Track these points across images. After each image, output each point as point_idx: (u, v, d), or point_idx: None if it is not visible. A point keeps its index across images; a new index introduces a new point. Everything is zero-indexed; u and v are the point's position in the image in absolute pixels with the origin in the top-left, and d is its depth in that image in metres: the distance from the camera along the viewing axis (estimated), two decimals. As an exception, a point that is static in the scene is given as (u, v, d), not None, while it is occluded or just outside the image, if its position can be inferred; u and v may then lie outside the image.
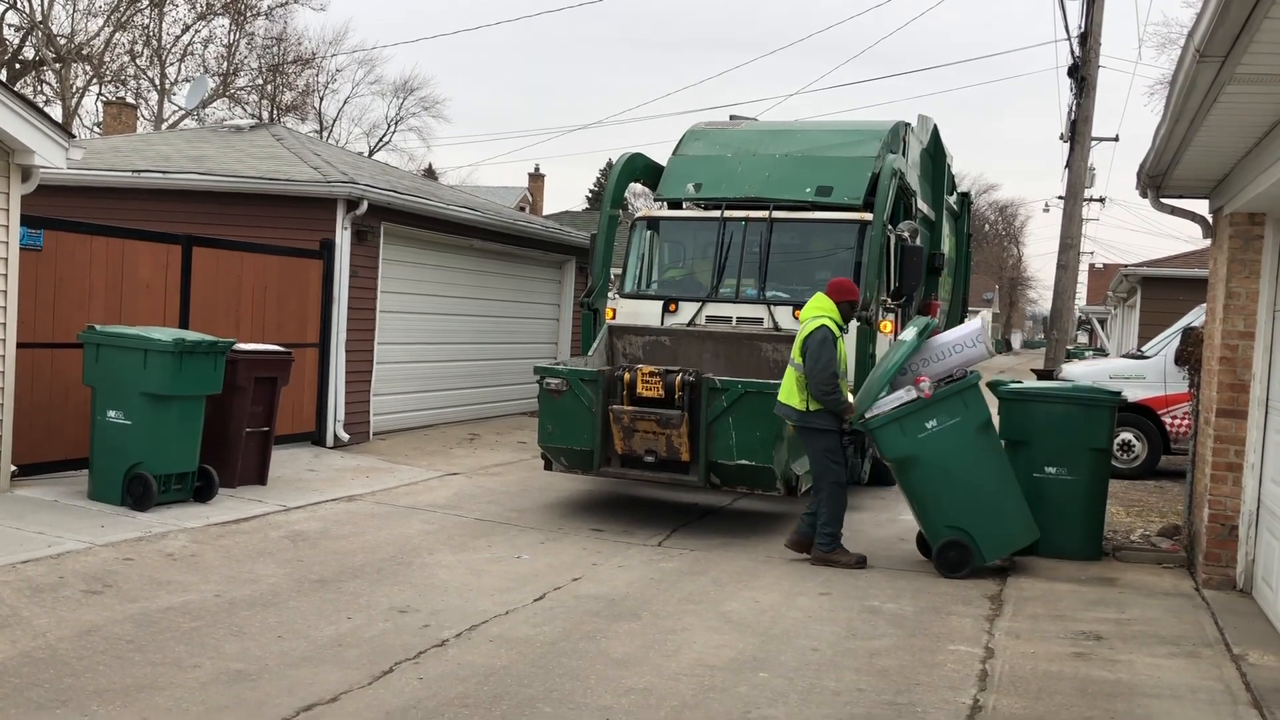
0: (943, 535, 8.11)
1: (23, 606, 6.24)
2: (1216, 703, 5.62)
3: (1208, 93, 5.80)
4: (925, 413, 7.97)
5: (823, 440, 8.34)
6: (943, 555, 8.12)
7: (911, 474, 8.11)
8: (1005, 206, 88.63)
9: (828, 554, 8.34)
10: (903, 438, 8.00)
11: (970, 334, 8.47)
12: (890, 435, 8.02)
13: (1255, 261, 7.86)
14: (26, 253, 9.27)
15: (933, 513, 8.13)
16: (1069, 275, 20.67)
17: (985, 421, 8.11)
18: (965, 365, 8.34)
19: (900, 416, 7.99)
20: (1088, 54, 19.41)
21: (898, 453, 8.05)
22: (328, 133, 48.91)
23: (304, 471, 11.27)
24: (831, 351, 8.15)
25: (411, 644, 6.00)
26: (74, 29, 36.18)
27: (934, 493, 8.08)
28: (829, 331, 8.22)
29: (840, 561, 8.31)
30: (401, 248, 14.31)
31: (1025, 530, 8.24)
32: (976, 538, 8.06)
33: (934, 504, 8.10)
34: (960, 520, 8.05)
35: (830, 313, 8.42)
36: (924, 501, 8.15)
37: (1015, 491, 8.23)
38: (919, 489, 8.14)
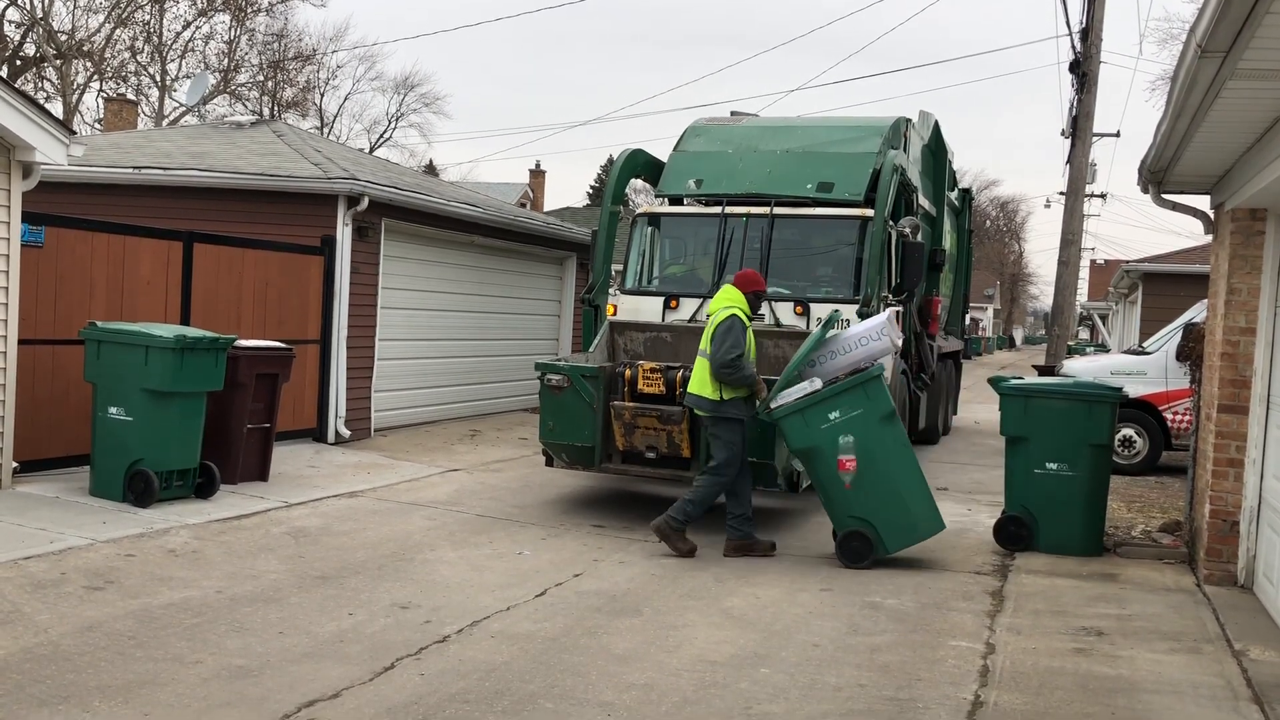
0: (846, 525, 8.17)
1: (25, 603, 6.25)
2: (1217, 698, 5.62)
3: (1209, 88, 5.79)
4: (828, 404, 8.04)
5: (728, 429, 8.35)
6: (845, 545, 8.18)
7: (816, 465, 8.16)
8: (1006, 202, 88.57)
9: (671, 531, 8.33)
10: (806, 429, 8.06)
11: (875, 327, 8.57)
12: (794, 426, 8.09)
13: (1257, 257, 7.85)
14: (28, 249, 9.27)
15: (837, 503, 8.19)
16: (1070, 271, 20.67)
17: (889, 413, 8.15)
18: (871, 358, 8.45)
19: (803, 408, 8.05)
20: (1089, 50, 19.39)
21: (802, 444, 8.11)
22: (328, 129, 48.91)
23: (305, 468, 11.28)
24: (738, 335, 8.24)
25: (413, 640, 6.01)
26: (75, 25, 36.20)
27: (837, 483, 8.13)
28: (738, 320, 8.33)
29: (677, 545, 8.30)
30: (402, 244, 14.31)
31: (929, 522, 8.27)
32: (879, 528, 8.12)
33: (838, 494, 8.15)
34: (863, 511, 8.11)
35: (739, 303, 8.51)
36: (828, 492, 8.21)
37: (920, 482, 8.27)
38: (823, 480, 8.19)
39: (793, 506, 10.53)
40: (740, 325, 8.32)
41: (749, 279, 8.74)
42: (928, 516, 8.25)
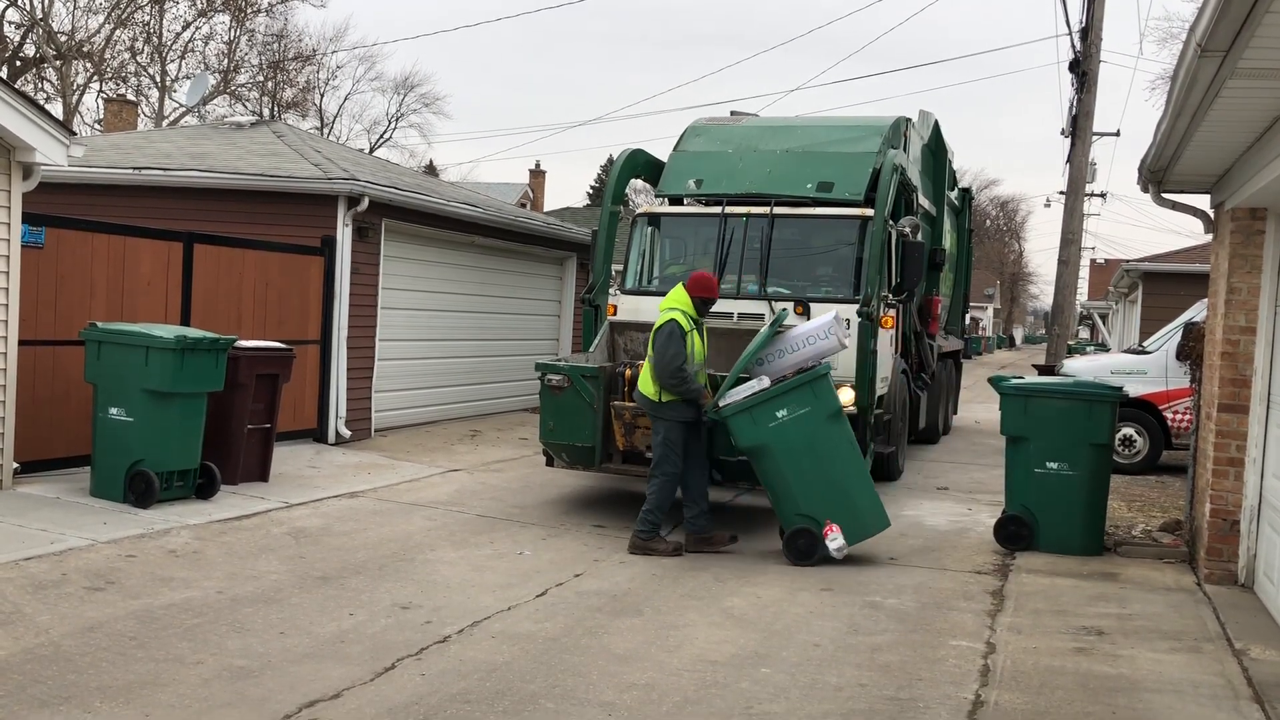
0: (793, 523, 8.20)
1: (25, 603, 6.25)
2: (1218, 697, 5.62)
3: (1209, 88, 5.79)
4: (775, 402, 8.06)
5: (667, 430, 8.42)
6: (792, 542, 8.21)
7: (763, 463, 8.19)
8: (1006, 202, 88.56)
9: (646, 541, 8.41)
10: (754, 427, 8.08)
11: (822, 327, 8.63)
12: (742, 424, 8.11)
13: (1257, 257, 7.85)
14: (28, 250, 9.27)
15: (784, 501, 8.22)
16: (1070, 271, 20.67)
17: (835, 411, 8.18)
18: (818, 357, 8.50)
19: (750, 406, 8.08)
20: (1089, 49, 19.39)
21: (749, 442, 8.13)
22: (328, 129, 48.91)
23: (306, 468, 11.28)
24: (678, 345, 8.27)
25: (414, 640, 6.01)
26: (75, 26, 36.21)
27: (785, 481, 8.15)
28: (676, 326, 8.35)
29: (658, 549, 8.38)
30: (403, 244, 14.31)
31: (875, 519, 8.29)
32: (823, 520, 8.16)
33: (785, 492, 8.17)
34: (810, 508, 8.13)
35: (684, 305, 8.52)
36: (776, 490, 8.23)
37: (866, 480, 8.32)
38: (771, 477, 8.21)
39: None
40: (680, 331, 8.33)
41: (700, 282, 8.70)
42: (874, 514, 8.28)
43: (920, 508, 10.89)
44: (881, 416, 11.50)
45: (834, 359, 10.64)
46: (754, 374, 8.39)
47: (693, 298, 8.60)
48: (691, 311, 8.55)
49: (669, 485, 8.50)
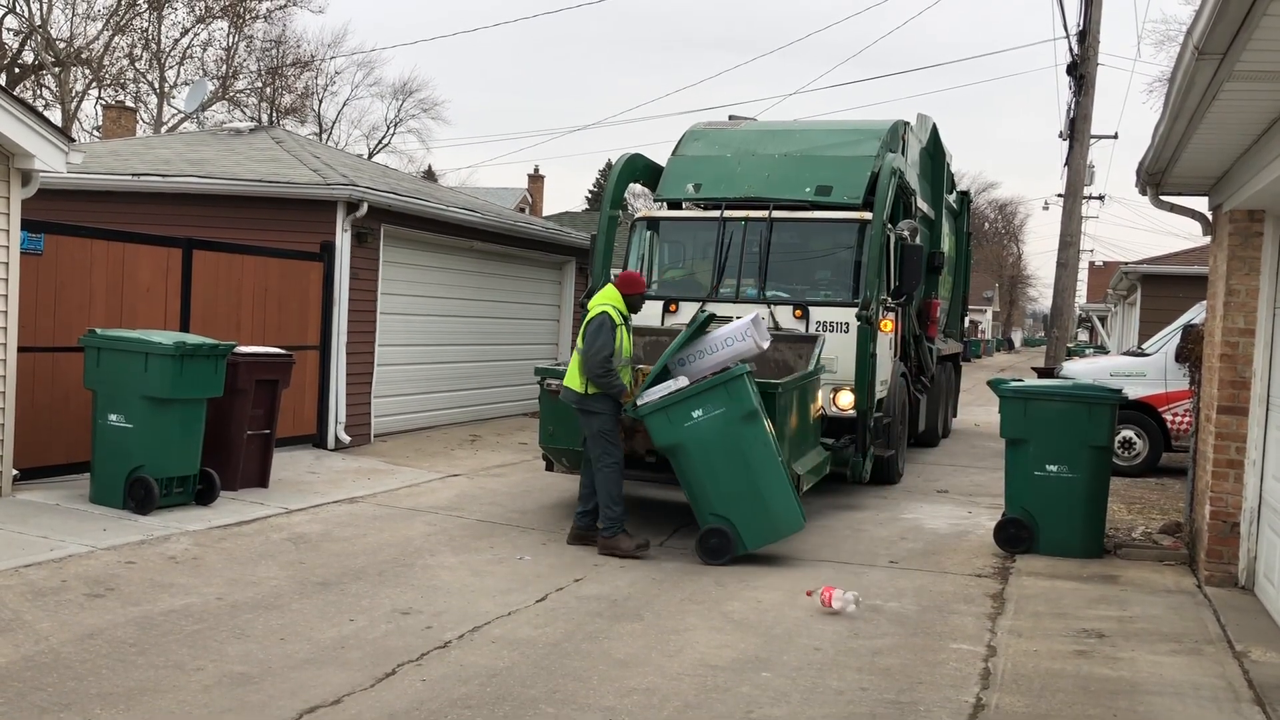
0: (707, 522, 8.24)
1: (25, 610, 6.25)
2: (1219, 700, 5.62)
3: (1206, 90, 5.80)
4: (691, 402, 8.10)
5: (599, 422, 8.47)
6: (704, 542, 8.25)
7: (679, 462, 8.22)
8: (1005, 205, 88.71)
9: (611, 539, 8.46)
10: (670, 426, 8.12)
11: (741, 329, 8.67)
12: (658, 423, 8.14)
13: (1255, 258, 7.86)
14: (27, 257, 9.28)
15: (700, 500, 8.25)
16: (1069, 273, 20.69)
17: (751, 412, 8.19)
18: (736, 358, 8.53)
19: (667, 405, 8.11)
20: (1086, 52, 19.42)
21: (666, 440, 8.16)
22: (327, 135, 48.93)
23: (305, 474, 11.27)
24: (607, 337, 8.34)
25: (414, 645, 6.01)
26: (73, 33, 36.27)
27: (699, 480, 8.18)
28: (607, 318, 8.42)
29: (623, 548, 8.41)
30: (402, 249, 14.32)
31: (789, 520, 8.32)
32: (738, 526, 8.18)
33: (700, 491, 8.21)
34: (723, 508, 8.17)
35: (615, 302, 8.61)
36: (692, 489, 8.26)
37: (781, 481, 8.30)
38: (687, 477, 8.24)
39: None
40: (610, 323, 8.42)
41: (630, 280, 8.82)
42: (788, 515, 8.31)
43: (920, 511, 10.89)
44: (881, 419, 11.50)
45: (834, 362, 10.69)
46: (675, 374, 8.45)
47: (623, 295, 8.71)
48: (622, 308, 8.64)
49: (614, 475, 8.54)
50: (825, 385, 10.60)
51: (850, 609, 6.89)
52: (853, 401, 10.84)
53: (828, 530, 9.75)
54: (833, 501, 11.01)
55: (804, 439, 9.67)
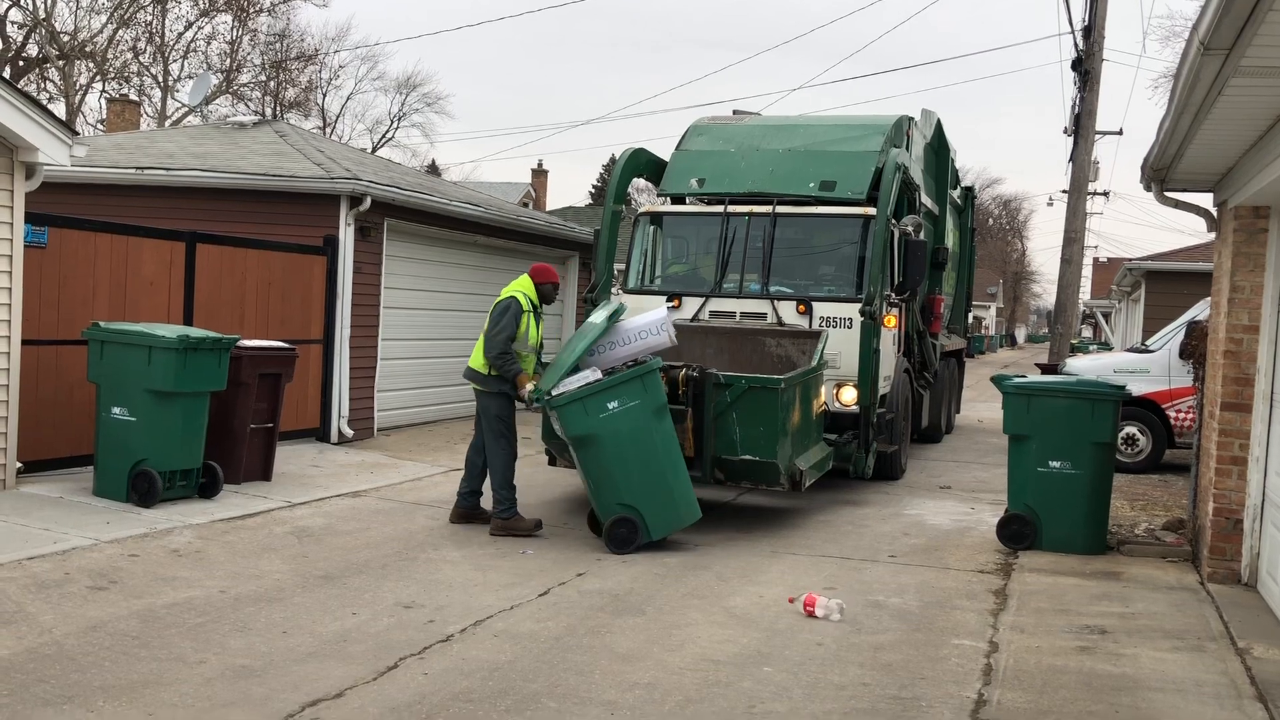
0: (614, 512, 8.25)
1: (29, 603, 6.26)
2: (1221, 696, 5.62)
3: (1212, 86, 5.79)
4: (608, 394, 8.15)
5: (497, 404, 8.78)
6: (613, 531, 8.27)
7: (589, 451, 8.24)
8: (1009, 200, 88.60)
9: (507, 521, 8.76)
10: (585, 417, 8.14)
11: (655, 322, 8.81)
12: (574, 414, 8.15)
13: (1260, 255, 7.85)
14: (31, 250, 9.29)
15: (606, 490, 8.28)
16: (1073, 269, 20.66)
17: (662, 405, 8.32)
18: (649, 351, 8.65)
19: (584, 396, 8.15)
20: (1091, 48, 19.38)
21: (579, 431, 8.18)
22: (331, 129, 48.93)
23: (308, 467, 11.28)
24: (511, 320, 8.61)
25: (416, 639, 6.02)
26: (77, 26, 36.26)
27: (609, 471, 8.22)
28: (515, 302, 8.71)
29: (520, 528, 8.72)
30: (405, 244, 14.32)
31: (689, 511, 8.46)
32: (645, 515, 8.24)
33: (609, 481, 8.25)
34: (631, 498, 8.23)
35: (526, 290, 8.89)
36: (599, 479, 8.28)
37: (683, 473, 8.43)
38: (596, 466, 8.26)
39: (796, 505, 10.53)
40: (518, 307, 8.69)
41: (543, 270, 9.12)
42: (688, 505, 8.46)
43: (923, 507, 10.89)
44: (884, 415, 11.50)
45: (837, 358, 10.68)
46: (584, 365, 8.49)
47: (535, 284, 8.97)
48: (533, 296, 8.91)
49: (509, 459, 8.86)
50: (828, 381, 10.60)
51: (834, 617, 6.73)
52: (856, 397, 10.84)
53: (830, 526, 9.75)
54: (835, 497, 11.01)
55: (807, 434, 9.67)
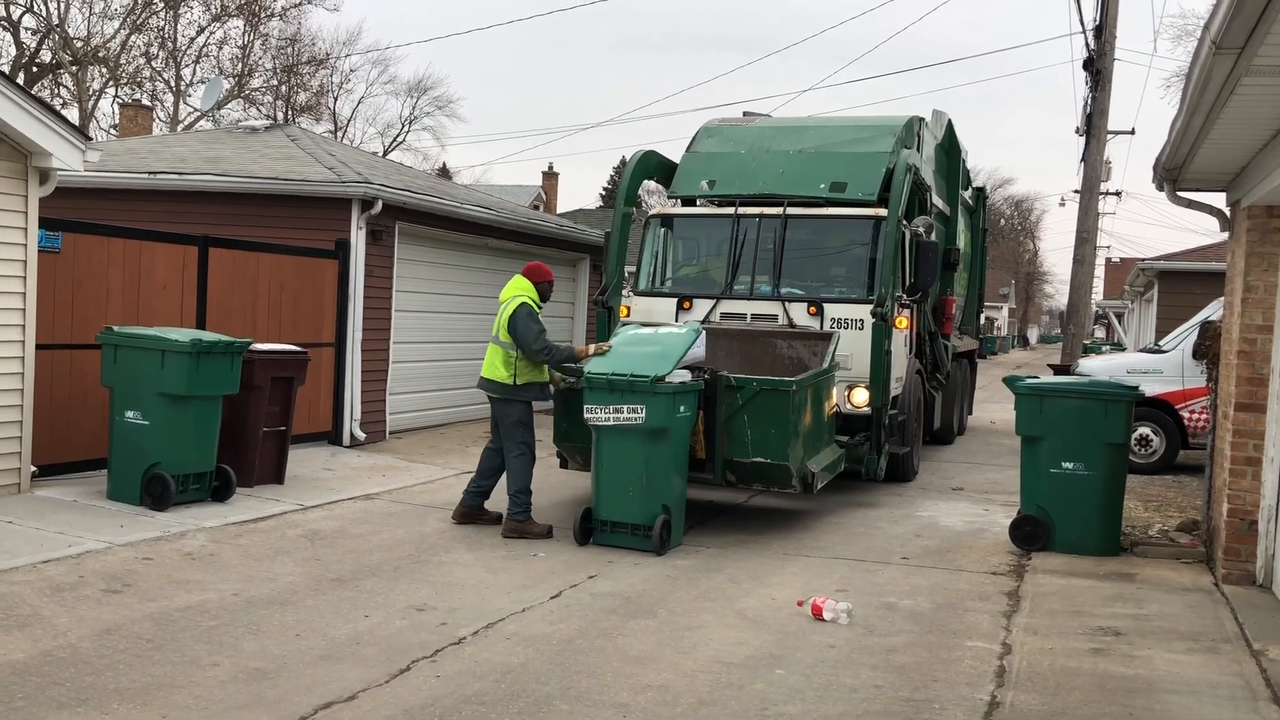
0: (658, 514, 8.32)
1: (44, 606, 6.29)
2: (1236, 699, 5.59)
3: (1224, 85, 5.77)
4: (688, 398, 8.50)
5: (518, 412, 8.98)
6: (661, 533, 8.30)
7: (653, 447, 8.32)
8: (1021, 201, 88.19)
9: (522, 524, 8.87)
10: (670, 411, 8.28)
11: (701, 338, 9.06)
12: (664, 405, 8.25)
13: (1273, 255, 7.81)
14: (45, 255, 9.33)
15: (655, 491, 8.37)
16: (1085, 270, 20.59)
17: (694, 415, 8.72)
18: (692, 362, 8.85)
19: (678, 393, 8.37)
20: (1103, 47, 19.32)
21: (660, 423, 8.27)
22: (342, 133, 49.06)
23: (321, 470, 11.31)
24: (538, 323, 8.90)
25: (429, 642, 6.02)
26: (90, 32, 36.43)
27: (662, 469, 8.37)
28: (526, 306, 8.92)
29: (532, 532, 8.81)
30: (416, 247, 14.35)
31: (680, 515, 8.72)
32: (674, 522, 8.49)
33: (659, 482, 8.36)
34: (671, 502, 8.46)
35: (528, 292, 9.09)
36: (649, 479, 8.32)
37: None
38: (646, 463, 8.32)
39: (808, 507, 10.52)
40: (530, 309, 8.94)
41: (537, 270, 9.28)
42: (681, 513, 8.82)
43: (935, 508, 10.86)
44: (896, 417, 11.47)
45: (849, 359, 10.67)
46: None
47: (534, 284, 9.15)
48: (535, 296, 9.10)
49: (527, 464, 8.98)
50: (840, 382, 10.58)
51: (842, 620, 6.70)
52: (867, 399, 10.82)
53: (842, 528, 9.73)
54: (847, 499, 10.99)
55: (819, 436, 9.66)
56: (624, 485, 8.41)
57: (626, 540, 8.43)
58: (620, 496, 8.45)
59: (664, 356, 8.55)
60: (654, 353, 8.68)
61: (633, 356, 8.67)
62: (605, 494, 8.53)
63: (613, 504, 8.48)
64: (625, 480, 8.40)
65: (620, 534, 8.47)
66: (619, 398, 8.34)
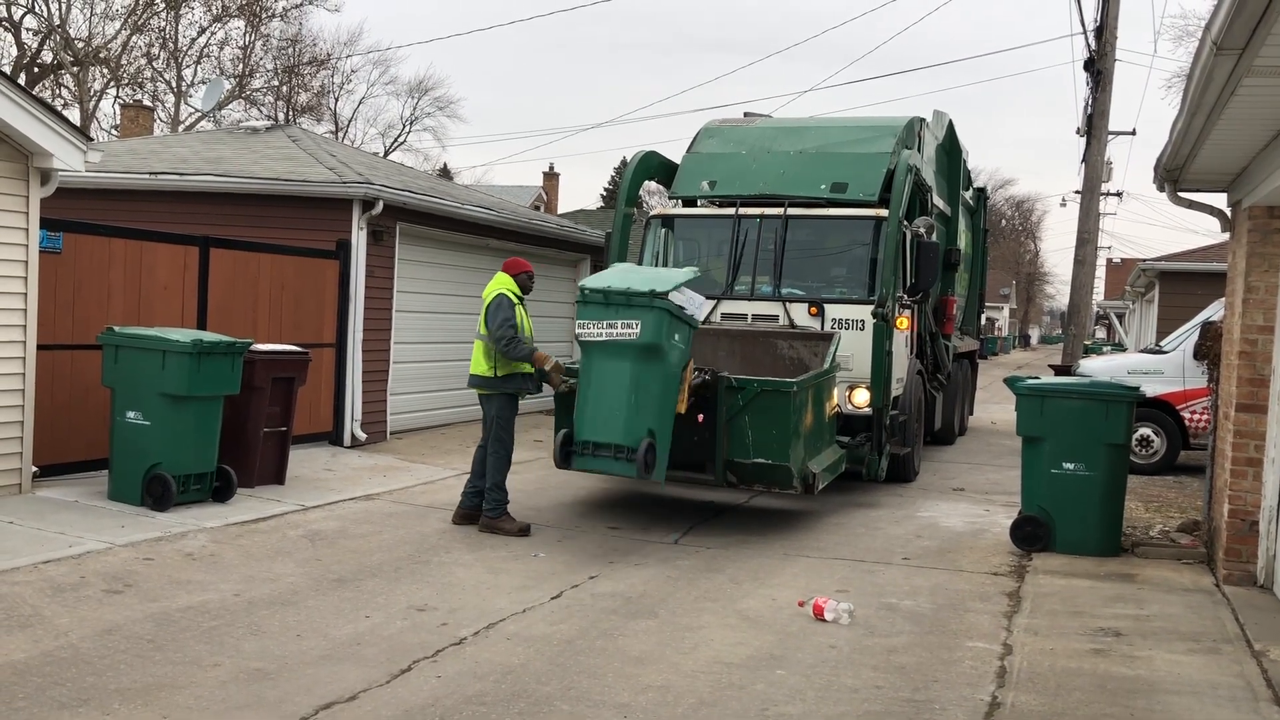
0: (642, 437, 8.08)
1: (45, 606, 6.29)
2: (1237, 699, 5.59)
3: (1225, 86, 5.76)
4: (684, 328, 8.47)
5: (498, 405, 9.09)
6: (646, 457, 8.08)
7: (645, 367, 8.20)
8: (1022, 201, 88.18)
9: (495, 520, 8.93)
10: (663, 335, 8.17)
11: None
12: (661, 323, 8.14)
13: (1274, 255, 7.81)
14: (46, 255, 9.33)
15: (642, 414, 8.17)
16: (1086, 270, 20.57)
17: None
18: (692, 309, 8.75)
19: (677, 315, 8.31)
20: (1104, 47, 19.31)
21: (654, 340, 8.16)
22: (343, 133, 49.06)
23: (321, 471, 11.31)
24: (507, 312, 8.91)
25: (429, 642, 6.03)
26: (91, 32, 36.43)
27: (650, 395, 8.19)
28: (504, 297, 9.00)
29: (505, 529, 8.87)
30: (417, 247, 14.35)
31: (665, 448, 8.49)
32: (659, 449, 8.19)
33: (645, 406, 8.18)
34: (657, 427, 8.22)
35: (509, 285, 9.18)
36: (636, 403, 8.15)
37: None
38: (637, 384, 8.15)
39: (809, 508, 10.52)
40: (509, 302, 8.98)
41: (515, 264, 9.41)
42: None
43: (936, 509, 10.86)
44: (897, 417, 11.47)
45: (849, 360, 10.67)
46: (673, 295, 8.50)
47: (513, 277, 9.25)
48: (516, 289, 9.18)
49: (506, 459, 9.07)
50: (841, 383, 10.58)
51: (844, 620, 6.70)
52: (868, 399, 10.81)
53: (843, 528, 9.73)
54: (848, 499, 10.99)
55: (820, 437, 9.66)
56: (610, 406, 8.13)
57: (608, 465, 8.21)
58: (605, 416, 8.15)
59: (661, 279, 8.57)
60: (651, 276, 8.75)
61: (630, 277, 8.67)
62: (590, 415, 8.26)
63: (596, 425, 8.20)
64: (612, 401, 8.13)
65: (602, 458, 8.19)
66: (614, 312, 8.20)
